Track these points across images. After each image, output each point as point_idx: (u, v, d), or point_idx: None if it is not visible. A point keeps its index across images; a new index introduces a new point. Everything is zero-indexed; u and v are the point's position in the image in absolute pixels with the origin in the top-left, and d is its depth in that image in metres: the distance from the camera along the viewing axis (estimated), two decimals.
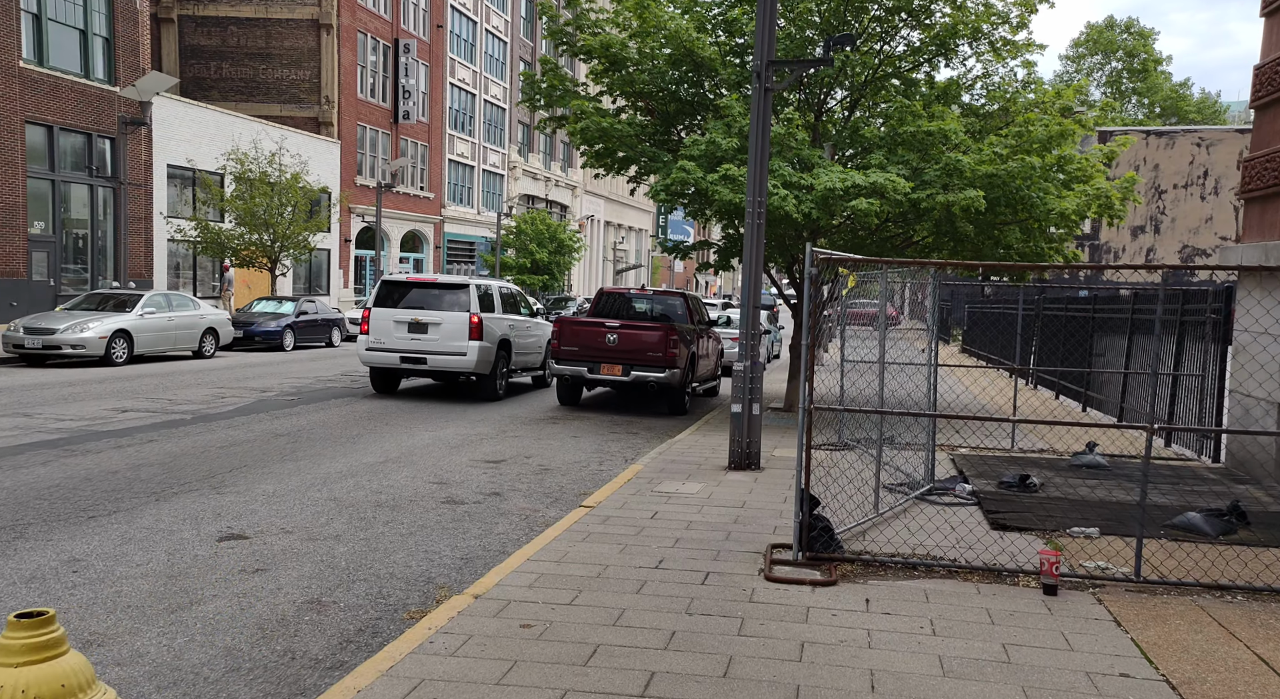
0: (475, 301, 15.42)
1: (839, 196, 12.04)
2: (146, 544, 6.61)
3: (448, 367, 15.26)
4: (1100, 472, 9.82)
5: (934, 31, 14.26)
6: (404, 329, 15.24)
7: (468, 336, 15.12)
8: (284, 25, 37.72)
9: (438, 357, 15.18)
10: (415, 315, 15.23)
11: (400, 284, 15.84)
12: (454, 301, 15.39)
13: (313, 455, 10.22)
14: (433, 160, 45.42)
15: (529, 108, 15.54)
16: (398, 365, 15.47)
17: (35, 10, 24.74)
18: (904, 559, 6.45)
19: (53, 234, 25.80)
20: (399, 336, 15.26)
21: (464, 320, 15.16)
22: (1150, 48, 57.09)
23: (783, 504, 8.41)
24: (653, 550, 6.75)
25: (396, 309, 15.37)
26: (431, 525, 7.60)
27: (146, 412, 12.73)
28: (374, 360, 15.53)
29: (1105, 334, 16.14)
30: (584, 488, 9.33)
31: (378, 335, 15.38)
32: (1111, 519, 7.58)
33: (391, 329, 15.29)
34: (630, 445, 12.13)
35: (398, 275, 16.73)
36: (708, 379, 17.25)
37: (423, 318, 15.21)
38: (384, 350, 15.33)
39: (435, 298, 15.47)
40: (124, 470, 8.90)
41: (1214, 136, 43.73)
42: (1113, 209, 13.25)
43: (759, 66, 9.76)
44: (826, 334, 16.56)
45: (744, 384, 10.14)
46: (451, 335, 15.13)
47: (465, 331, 15.13)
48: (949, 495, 8.65)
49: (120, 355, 18.89)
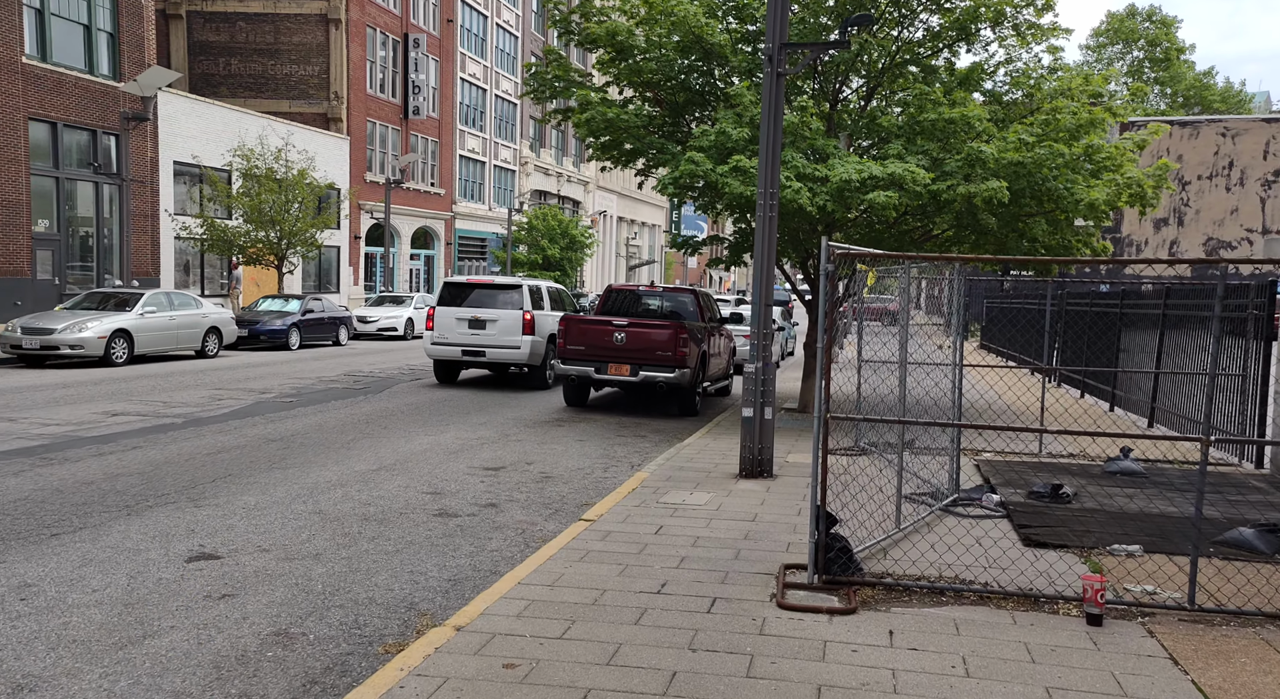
0: (528, 300, 17.05)
1: (855, 188, 11.45)
2: (108, 566, 6.13)
3: (503, 359, 16.92)
4: (1137, 479, 9.21)
5: (954, 15, 13.63)
6: (465, 325, 16.92)
7: (521, 332, 16.71)
8: (292, 20, 37.35)
9: (495, 349, 16.82)
10: (475, 313, 16.88)
11: (461, 285, 17.53)
12: (509, 300, 17.00)
13: (303, 463, 9.74)
14: (443, 156, 44.98)
15: (534, 100, 15.01)
16: (460, 358, 17.09)
17: (38, 5, 24.41)
18: (930, 583, 5.89)
19: (57, 232, 25.50)
20: (460, 332, 16.93)
21: (518, 317, 16.73)
22: (1173, 36, 55.91)
23: (797, 517, 7.86)
24: (655, 572, 6.22)
25: (458, 307, 17.03)
26: (420, 542, 7.10)
27: (137, 415, 12.30)
28: (439, 354, 17.14)
29: (1132, 330, 15.48)
30: (586, 498, 8.81)
31: (442, 331, 17.03)
32: (1155, 534, 6.98)
33: (454, 325, 16.95)
34: (638, 450, 11.60)
35: (459, 278, 18.47)
36: (719, 378, 16.69)
37: (481, 315, 16.86)
38: (447, 345, 17.01)
39: (492, 297, 17.12)
40: (100, 481, 8.44)
41: (1240, 126, 42.72)
42: (1145, 198, 12.60)
43: (771, 49, 9.18)
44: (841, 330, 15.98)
45: (755, 386, 9.59)
46: (507, 330, 16.76)
47: (519, 327, 16.71)
48: (975, 507, 8.07)
49: (120, 356, 18.51)
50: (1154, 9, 57.07)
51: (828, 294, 5.99)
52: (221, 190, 28.02)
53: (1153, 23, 56.58)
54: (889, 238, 13.61)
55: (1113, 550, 6.66)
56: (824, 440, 5.93)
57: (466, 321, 16.86)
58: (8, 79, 23.41)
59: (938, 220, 13.27)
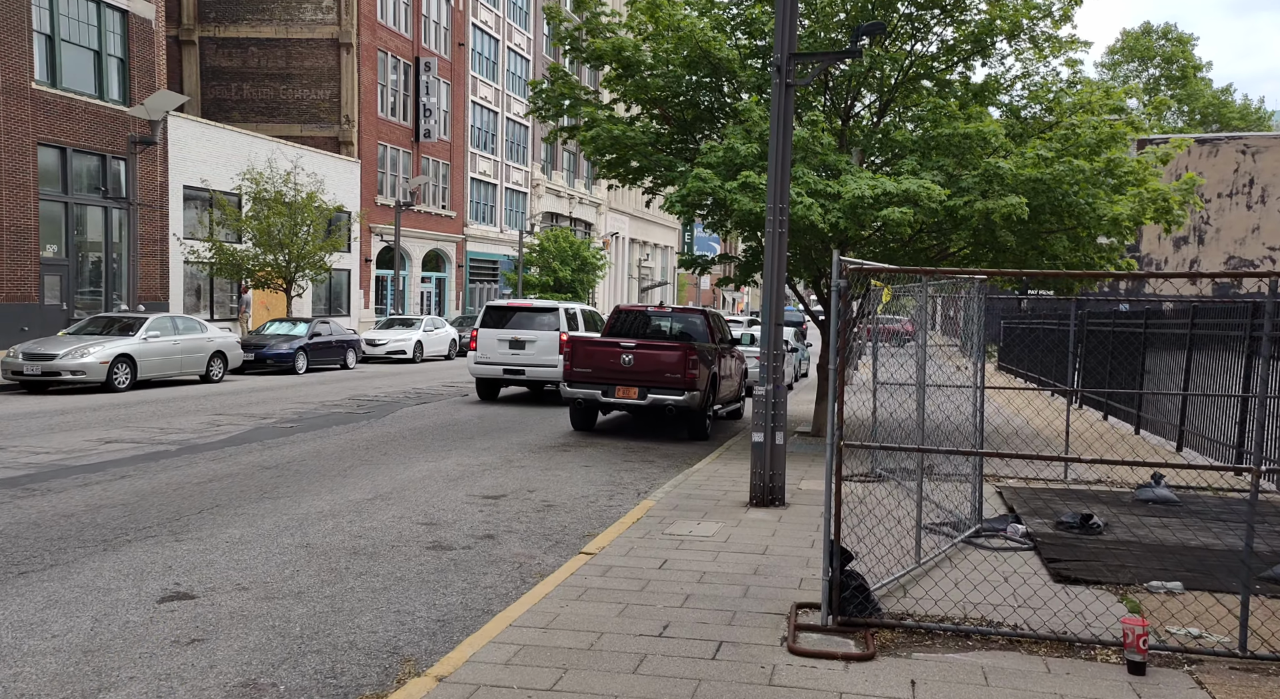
0: (564, 322, 18.18)
1: (869, 205, 11.06)
2: (74, 608, 5.76)
3: (541, 377, 17.96)
4: (1171, 508, 8.71)
5: (969, 28, 13.28)
6: (505, 346, 18.08)
7: (558, 351, 17.55)
8: (304, 45, 37.45)
9: (534, 368, 17.87)
10: (515, 334, 18.02)
11: (502, 309, 18.82)
12: (546, 322, 18.19)
13: (295, 492, 9.37)
14: (454, 179, 44.93)
15: (538, 118, 14.73)
16: (500, 376, 18.26)
17: (48, 32, 24.45)
18: (955, 624, 5.44)
19: (65, 257, 25.41)
20: (502, 352, 18.10)
21: (555, 338, 17.78)
22: (1190, 54, 55.40)
23: (809, 549, 7.42)
24: (657, 611, 5.80)
25: (500, 329, 18.22)
26: (410, 577, 6.70)
27: (131, 442, 11.98)
28: (481, 373, 18.37)
29: (1157, 351, 14.98)
30: (588, 528, 8.40)
31: (484, 352, 18.21)
32: (1196, 570, 6.50)
33: (495, 346, 18.14)
34: (645, 476, 11.18)
35: (500, 301, 19.64)
36: (731, 401, 16.24)
37: (521, 336, 18.02)
38: (489, 364, 18.23)
39: (530, 319, 18.36)
40: (80, 513, 8.09)
41: (1260, 143, 42.17)
42: (1171, 214, 12.14)
43: (780, 60, 8.84)
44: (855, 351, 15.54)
45: (766, 410, 9.17)
46: (545, 350, 17.84)
47: (556, 347, 17.69)
48: (1000, 538, 7.61)
49: (122, 381, 18.26)
50: (1170, 26, 56.67)
51: (840, 312, 5.60)
52: (230, 214, 27.91)
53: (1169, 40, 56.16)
54: (904, 256, 13.20)
55: (1151, 587, 6.18)
56: (838, 470, 5.51)
57: (507, 342, 17.94)
58: (17, 105, 23.40)
59: (954, 238, 12.85)
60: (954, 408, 8.96)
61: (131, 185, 23.62)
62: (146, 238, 27.12)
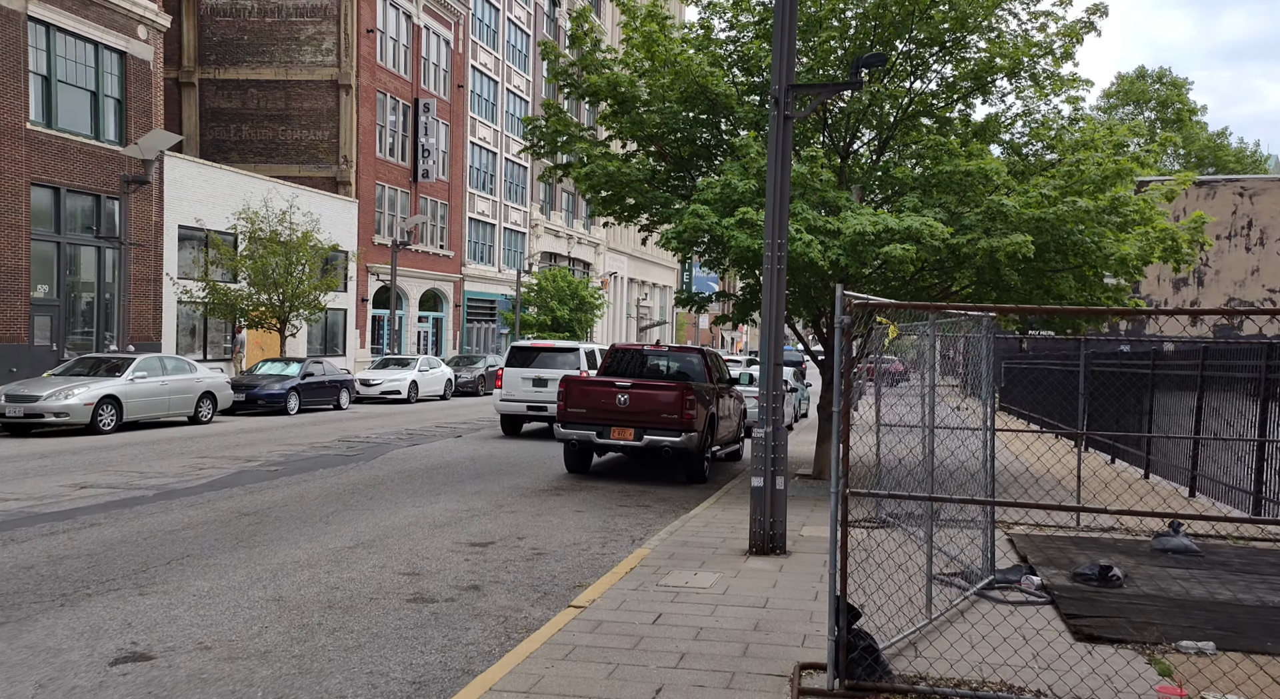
0: (584, 361, 18.95)
1: (870, 242, 10.77)
2: (18, 672, 5.33)
3: None
4: (1192, 558, 8.29)
5: (968, 66, 13.13)
6: (529, 384, 18.83)
7: None
8: (304, 87, 37.58)
9: (555, 405, 17.83)
10: (538, 373, 18.75)
11: (527, 349, 19.86)
12: (566, 361, 19.03)
13: (273, 540, 8.94)
14: (453, 219, 44.88)
15: (533, 155, 14.53)
16: (524, 412, 18.98)
17: (45, 73, 24.41)
18: (972, 690, 5.02)
19: (57, 297, 25.11)
20: (525, 390, 18.85)
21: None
22: (1184, 98, 55.73)
23: (813, 602, 6.99)
24: (650, 672, 5.37)
25: (524, 368, 19.04)
26: (388, 634, 6.27)
27: (107, 488, 11.55)
28: (506, 409, 19.29)
29: (1165, 392, 14.62)
30: (580, 577, 7.97)
31: (509, 389, 19.12)
32: (1227, 628, 6.07)
33: (520, 384, 18.98)
34: (640, 521, 10.75)
35: (524, 342, 20.73)
36: (729, 442, 15.82)
37: (544, 375, 18.73)
38: (514, 401, 19.10)
39: (552, 358, 19.23)
40: (41, 565, 7.66)
41: (1258, 186, 42.22)
42: (1180, 253, 11.86)
43: (778, 91, 8.60)
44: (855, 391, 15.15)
45: (766, 454, 8.79)
46: None
47: None
48: (1014, 590, 7.19)
49: (107, 423, 17.85)
50: (1164, 71, 57.09)
51: (843, 350, 5.25)
52: (225, 253, 27.70)
53: (1163, 84, 56.56)
54: (905, 294, 12.91)
55: (1181, 647, 5.76)
56: (843, 520, 5.13)
57: (531, 381, 18.70)
58: (11, 145, 23.26)
59: (957, 276, 12.58)
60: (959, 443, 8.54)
61: (124, 225, 23.41)
62: (140, 278, 26.87)
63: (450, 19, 43.76)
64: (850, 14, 12.92)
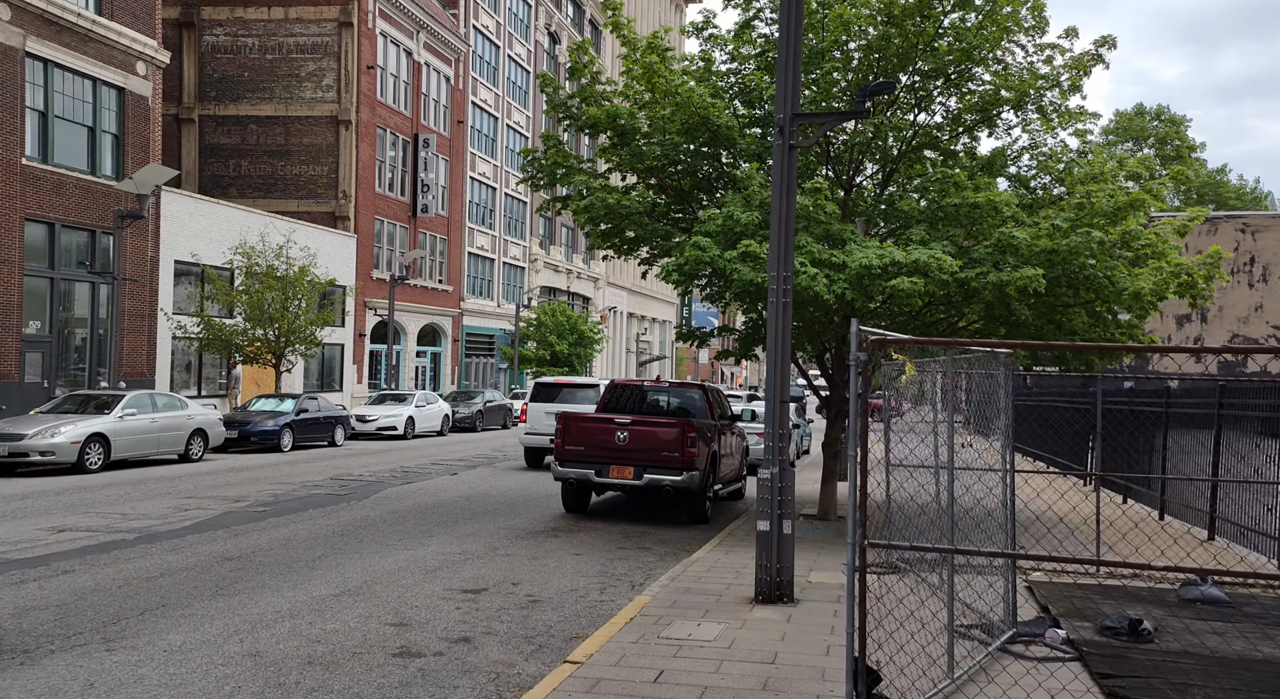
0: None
1: (876, 275, 10.46)
2: None
3: None
4: (1223, 609, 7.86)
5: (973, 99, 12.92)
6: (552, 418, 18.58)
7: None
8: (303, 122, 37.59)
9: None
10: (561, 407, 18.76)
11: (550, 385, 20.95)
12: (586, 397, 19.62)
13: (254, 587, 8.51)
14: (452, 253, 44.74)
15: (531, 187, 14.28)
16: (547, 445, 19.33)
17: (42, 108, 24.29)
18: None
19: (49, 333, 24.77)
20: (548, 424, 18.98)
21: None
22: (1183, 135, 55.97)
23: (825, 657, 6.56)
24: None
25: (547, 403, 19.82)
26: (369, 694, 5.84)
27: (86, 531, 11.11)
28: (531, 442, 20.24)
29: (1178, 431, 14.22)
30: (577, 628, 7.54)
31: (533, 424, 19.96)
32: (1271, 691, 5.64)
33: (543, 418, 19.55)
34: (640, 565, 10.31)
35: (548, 379, 21.78)
36: (732, 480, 15.38)
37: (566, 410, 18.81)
38: (537, 435, 19.85)
39: (573, 394, 20.05)
40: (5, 618, 7.21)
41: (1260, 223, 42.13)
42: (1195, 288, 11.54)
43: (782, 120, 8.33)
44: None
45: (772, 495, 8.38)
46: None
47: None
48: (1038, 645, 6.76)
49: (95, 461, 17.42)
50: (1163, 108, 57.38)
51: (858, 390, 4.88)
52: (220, 288, 27.43)
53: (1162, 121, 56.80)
54: (913, 329, 12.57)
55: None
56: (862, 572, 4.73)
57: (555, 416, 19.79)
58: (5, 181, 23.03)
59: (966, 311, 12.25)
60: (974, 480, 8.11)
61: (117, 260, 23.15)
62: (134, 313, 26.55)
63: (451, 56, 43.97)
64: (854, 46, 12.74)
